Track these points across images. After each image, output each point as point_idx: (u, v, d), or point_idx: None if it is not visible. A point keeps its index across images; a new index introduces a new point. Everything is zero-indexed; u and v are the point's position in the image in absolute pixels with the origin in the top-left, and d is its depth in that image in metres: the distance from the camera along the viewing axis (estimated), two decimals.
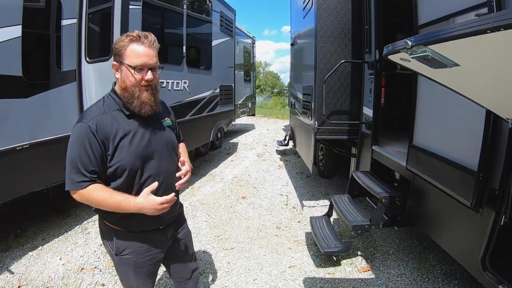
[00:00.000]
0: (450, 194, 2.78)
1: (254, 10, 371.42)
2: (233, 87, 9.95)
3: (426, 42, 1.24)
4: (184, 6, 6.33)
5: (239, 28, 12.58)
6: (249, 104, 14.56)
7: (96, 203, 1.80)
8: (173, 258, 2.30)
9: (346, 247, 3.74)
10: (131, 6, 4.61)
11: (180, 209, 2.30)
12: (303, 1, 6.11)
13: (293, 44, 7.98)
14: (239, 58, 12.81)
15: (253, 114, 15.87)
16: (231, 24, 9.61)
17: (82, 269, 3.77)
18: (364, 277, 3.63)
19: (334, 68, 4.72)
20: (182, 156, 2.19)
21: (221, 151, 10.40)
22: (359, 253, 4.10)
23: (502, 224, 2.34)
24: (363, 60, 4.83)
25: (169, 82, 5.62)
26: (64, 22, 4.49)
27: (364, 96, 4.88)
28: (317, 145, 7.09)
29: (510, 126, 1.94)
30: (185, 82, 6.42)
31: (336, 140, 5.66)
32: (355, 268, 3.79)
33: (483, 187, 2.45)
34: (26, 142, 3.95)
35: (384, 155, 4.21)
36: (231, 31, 9.62)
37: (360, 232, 3.67)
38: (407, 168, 3.50)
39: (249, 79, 14.61)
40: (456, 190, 2.70)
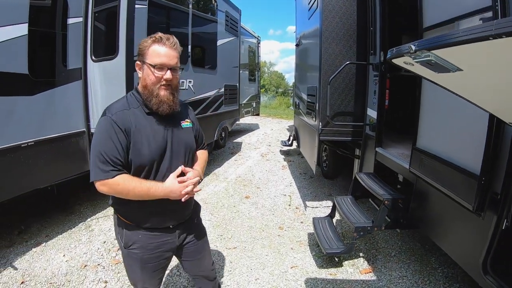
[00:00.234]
0: (452, 197, 2.78)
1: (259, 9, 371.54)
2: (237, 86, 9.96)
3: (430, 47, 1.24)
4: (190, 6, 6.35)
5: (244, 27, 12.58)
6: (254, 103, 14.55)
7: (125, 192, 1.85)
8: (187, 257, 2.32)
9: (348, 249, 3.75)
10: (137, 5, 4.63)
11: (194, 210, 2.34)
12: (309, 2, 6.11)
13: (298, 44, 7.97)
14: (244, 58, 12.80)
15: (258, 114, 15.85)
16: (236, 24, 9.62)
17: (85, 266, 3.79)
18: (366, 278, 3.63)
19: (339, 70, 4.72)
20: (197, 164, 2.22)
21: (225, 151, 10.42)
22: (361, 254, 4.10)
23: (503, 228, 2.33)
24: (367, 62, 4.82)
25: None
26: (70, 21, 4.53)
27: (368, 97, 4.87)
28: (321, 146, 7.09)
29: None
30: (190, 82, 6.43)
31: (339, 141, 5.64)
32: (357, 269, 3.80)
33: (485, 191, 2.44)
34: (31, 140, 3.99)
35: (387, 157, 4.20)
36: (236, 31, 9.63)
37: (362, 233, 3.67)
38: (410, 171, 3.49)
39: (253, 79, 14.60)
40: (459, 193, 2.69)
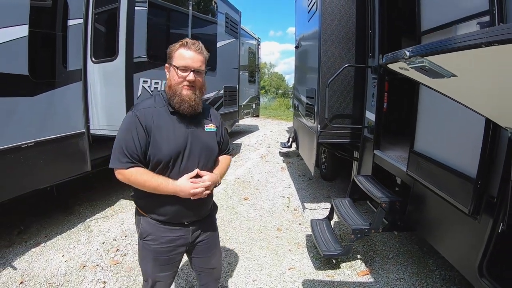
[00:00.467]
0: (448, 201, 2.80)
1: (260, 11, 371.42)
2: (237, 88, 9.98)
3: (424, 53, 1.26)
4: (190, 7, 6.37)
5: (244, 29, 12.61)
6: (253, 105, 14.58)
7: (137, 184, 1.99)
8: (197, 254, 2.37)
9: (345, 251, 3.76)
10: (137, 7, 4.64)
11: (211, 211, 2.41)
12: (308, 5, 6.13)
13: (297, 46, 8.00)
14: (244, 59, 12.84)
15: (257, 115, 15.89)
16: (236, 25, 9.65)
17: (84, 266, 3.81)
18: (363, 280, 3.65)
19: (338, 72, 4.73)
20: (217, 168, 2.26)
21: None
22: (358, 256, 4.11)
23: (499, 231, 2.35)
24: (366, 65, 4.85)
25: None
26: (71, 22, 4.55)
27: (366, 100, 4.89)
28: (320, 148, 7.11)
29: (509, 135, 1.95)
30: None
31: (338, 144, 5.67)
32: (354, 271, 3.81)
33: (481, 195, 2.46)
34: (31, 140, 4.01)
35: (385, 159, 4.22)
36: (236, 33, 9.65)
37: (359, 236, 3.69)
38: (408, 174, 3.51)
39: (253, 80, 14.63)
40: (455, 196, 2.71)
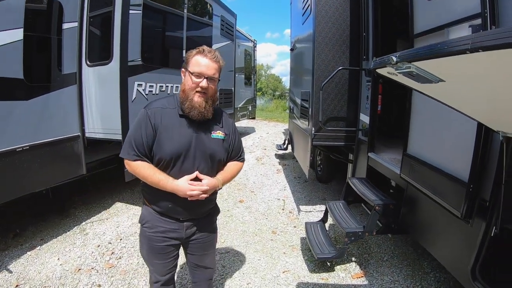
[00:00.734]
0: (441, 204, 2.81)
1: (257, 12, 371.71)
2: (232, 90, 10.00)
3: (410, 59, 1.27)
4: (185, 10, 6.37)
5: (240, 31, 12.63)
6: (250, 107, 14.59)
7: (141, 177, 2.13)
8: (192, 251, 2.46)
9: (339, 253, 3.76)
10: (131, 11, 4.63)
11: (210, 213, 2.47)
12: (303, 7, 6.14)
13: (292, 49, 8.01)
14: (240, 62, 12.86)
15: (254, 117, 15.89)
16: (232, 28, 9.67)
17: (79, 269, 3.80)
18: (357, 283, 3.66)
19: (331, 75, 4.75)
20: (220, 173, 2.31)
21: None
22: (353, 259, 4.12)
23: (492, 235, 2.35)
24: (360, 67, 4.86)
25: (168, 86, 5.64)
26: (65, 26, 4.54)
27: (361, 103, 4.90)
28: (315, 150, 7.13)
29: (501, 138, 1.95)
30: None
31: (333, 146, 5.68)
32: (349, 274, 3.81)
33: (474, 198, 2.47)
34: (26, 144, 4.01)
35: (379, 162, 4.23)
36: (232, 35, 9.68)
37: (353, 239, 3.70)
38: (401, 177, 3.53)
39: (249, 83, 14.65)
40: (447, 200, 2.72)
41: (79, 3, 4.69)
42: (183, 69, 2.19)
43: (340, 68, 4.79)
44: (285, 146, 9.65)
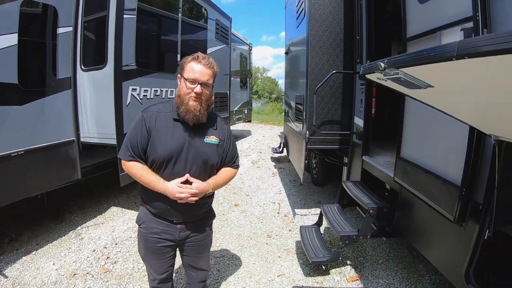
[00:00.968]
0: (434, 208, 2.81)
1: (253, 15, 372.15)
2: (228, 94, 10.01)
3: (398, 65, 1.28)
4: (179, 14, 6.38)
5: (235, 34, 12.64)
6: (246, 110, 14.59)
7: (135, 177, 2.22)
8: (186, 253, 2.53)
9: (334, 257, 3.76)
10: (125, 15, 4.63)
11: (205, 216, 2.53)
12: (297, 11, 6.16)
13: (287, 52, 8.01)
14: (235, 65, 12.86)
15: (249, 121, 15.89)
16: (227, 31, 9.70)
17: (74, 274, 3.79)
18: (352, 286, 3.66)
19: (325, 79, 4.76)
20: (212, 178, 2.34)
21: None
22: (348, 262, 4.12)
23: (486, 238, 2.36)
24: (354, 71, 4.87)
25: (163, 91, 5.65)
26: (60, 30, 4.54)
27: (355, 106, 4.92)
28: (310, 153, 7.13)
29: (493, 142, 1.96)
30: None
31: (327, 150, 5.69)
32: (344, 277, 3.82)
33: (466, 202, 2.47)
34: (21, 149, 4.00)
35: (374, 165, 4.24)
36: (227, 39, 9.70)
37: (348, 242, 3.70)
38: (395, 180, 3.54)
39: (245, 86, 14.65)
40: (440, 203, 2.73)
41: (73, 8, 4.68)
42: (178, 75, 2.26)
43: (334, 71, 4.80)
44: (280, 149, 9.65)
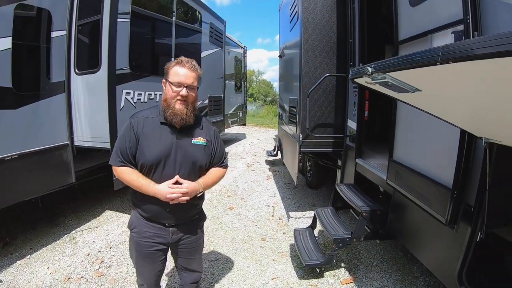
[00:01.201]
0: (426, 210, 2.83)
1: (248, 18, 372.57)
2: (222, 97, 10.02)
3: (385, 69, 1.30)
4: (173, 18, 6.39)
5: (230, 38, 12.67)
6: (240, 113, 14.61)
7: (126, 181, 2.25)
8: (179, 255, 2.57)
9: (327, 260, 3.77)
10: (119, 19, 4.64)
11: (196, 218, 2.61)
12: (290, 14, 6.18)
13: (281, 55, 8.03)
14: (230, 68, 12.88)
15: (244, 124, 15.91)
16: (221, 35, 9.72)
17: (69, 278, 3.77)
18: None
19: (318, 82, 4.78)
20: (202, 178, 2.39)
21: None
22: (342, 264, 4.13)
23: (478, 240, 2.37)
24: (347, 74, 4.89)
25: (157, 94, 5.65)
26: (54, 34, 4.54)
27: (348, 109, 4.94)
28: (304, 156, 7.15)
29: (484, 144, 1.98)
30: None
31: (321, 153, 5.71)
32: (338, 280, 3.82)
33: (458, 204, 2.49)
34: (15, 153, 4.00)
35: (367, 168, 4.26)
36: (221, 42, 9.72)
37: (341, 245, 3.71)
38: (387, 183, 3.55)
39: (240, 89, 14.67)
40: (432, 206, 2.74)
41: (67, 12, 4.69)
42: (163, 80, 2.29)
43: (327, 74, 4.83)
44: (275, 152, 9.67)
